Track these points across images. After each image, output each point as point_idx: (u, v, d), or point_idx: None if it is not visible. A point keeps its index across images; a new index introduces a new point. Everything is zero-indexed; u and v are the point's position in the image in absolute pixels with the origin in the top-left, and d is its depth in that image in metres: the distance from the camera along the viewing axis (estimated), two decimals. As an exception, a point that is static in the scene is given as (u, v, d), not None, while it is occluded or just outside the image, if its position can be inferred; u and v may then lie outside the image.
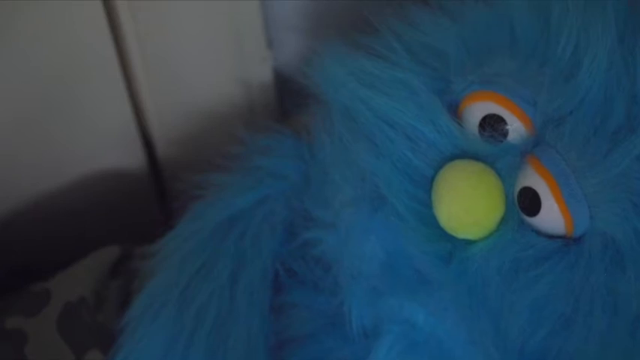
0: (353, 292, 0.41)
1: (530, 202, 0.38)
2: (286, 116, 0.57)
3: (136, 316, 0.44)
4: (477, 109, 0.40)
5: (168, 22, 0.53)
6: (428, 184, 0.39)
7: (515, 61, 0.40)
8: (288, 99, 0.58)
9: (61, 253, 0.53)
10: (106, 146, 0.55)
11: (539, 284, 0.37)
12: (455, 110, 0.40)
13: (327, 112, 0.44)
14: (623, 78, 0.38)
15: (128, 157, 0.56)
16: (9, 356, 0.46)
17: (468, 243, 0.38)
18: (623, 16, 0.40)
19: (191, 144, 0.57)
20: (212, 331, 0.43)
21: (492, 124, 0.39)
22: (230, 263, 0.44)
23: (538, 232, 0.38)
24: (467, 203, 0.38)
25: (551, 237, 0.38)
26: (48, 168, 0.55)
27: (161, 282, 0.45)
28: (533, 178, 0.38)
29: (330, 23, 0.57)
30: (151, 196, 0.59)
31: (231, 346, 0.43)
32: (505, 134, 0.39)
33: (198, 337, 0.43)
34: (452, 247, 0.38)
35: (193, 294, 0.43)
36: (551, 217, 0.38)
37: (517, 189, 0.38)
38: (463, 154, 0.39)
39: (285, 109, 0.58)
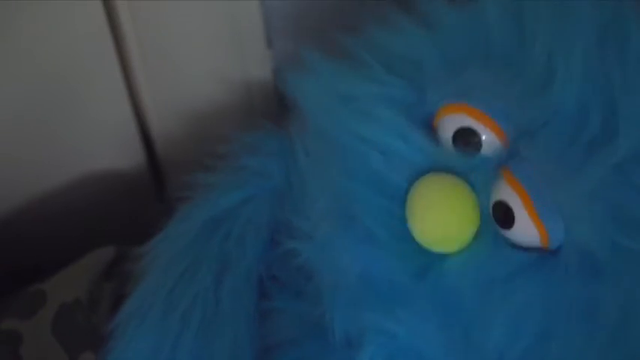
0: (334, 303, 0.40)
1: (504, 215, 0.38)
2: (285, 116, 0.57)
3: (125, 318, 0.44)
4: (450, 122, 0.40)
5: (168, 22, 0.53)
6: (402, 199, 0.39)
7: (490, 71, 0.40)
8: (287, 98, 0.58)
9: (60, 253, 0.53)
10: (106, 146, 0.55)
11: (514, 297, 0.37)
12: (430, 122, 0.40)
13: (302, 124, 0.44)
14: (598, 87, 0.38)
15: (128, 156, 0.56)
16: (4, 357, 0.46)
17: (444, 257, 0.38)
18: (599, 23, 0.40)
19: (191, 143, 0.57)
20: (198, 334, 0.43)
21: (465, 137, 0.39)
22: (214, 265, 0.44)
23: (514, 245, 0.38)
24: (441, 217, 0.38)
25: (527, 249, 0.38)
26: (47, 167, 0.55)
27: (149, 285, 0.44)
28: (506, 192, 0.38)
29: (330, 23, 0.57)
30: (150, 196, 0.59)
31: (217, 348, 0.42)
32: (478, 147, 0.39)
33: (185, 339, 0.42)
34: (427, 261, 0.38)
35: (179, 297, 0.43)
36: (525, 230, 0.37)
37: (492, 202, 0.38)
38: (437, 168, 0.39)
39: (285, 109, 0.58)
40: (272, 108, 0.58)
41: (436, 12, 0.44)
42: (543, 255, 0.37)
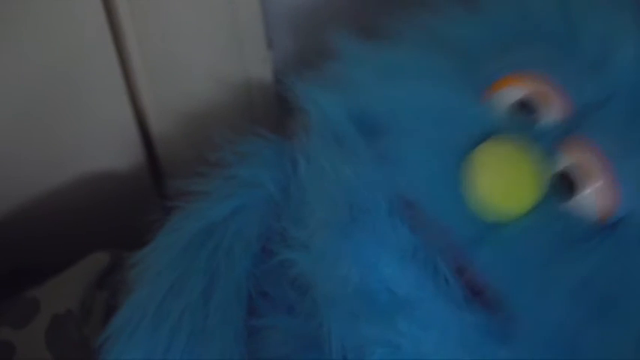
0: (331, 316, 0.40)
1: (569, 182, 0.38)
2: (286, 117, 0.57)
3: (115, 331, 0.43)
4: (512, 93, 0.39)
5: (168, 22, 0.53)
6: (458, 167, 0.38)
7: (545, 49, 0.40)
8: (287, 99, 0.58)
9: (60, 253, 0.53)
10: (106, 146, 0.55)
11: (580, 264, 0.36)
12: (483, 96, 0.40)
13: (304, 132, 0.44)
14: None
15: (127, 156, 0.56)
16: (-2, 368, 0.46)
17: (499, 226, 0.38)
18: None
19: (191, 144, 0.57)
20: (186, 349, 0.42)
21: (528, 107, 0.39)
22: (203, 279, 0.43)
23: (577, 214, 0.38)
24: (508, 181, 0.37)
25: (589, 219, 0.38)
26: (46, 167, 0.55)
27: (139, 297, 0.44)
28: (576, 158, 0.38)
29: (330, 23, 0.57)
30: (150, 196, 0.59)
31: None
32: (539, 118, 0.39)
33: (173, 354, 0.42)
34: (483, 229, 0.38)
35: (168, 310, 0.43)
36: (593, 197, 0.37)
37: (555, 170, 0.38)
38: (498, 135, 0.39)
39: (285, 110, 0.58)
40: (272, 108, 0.58)
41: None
42: (607, 225, 0.37)
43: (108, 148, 0.56)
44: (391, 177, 0.40)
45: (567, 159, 0.38)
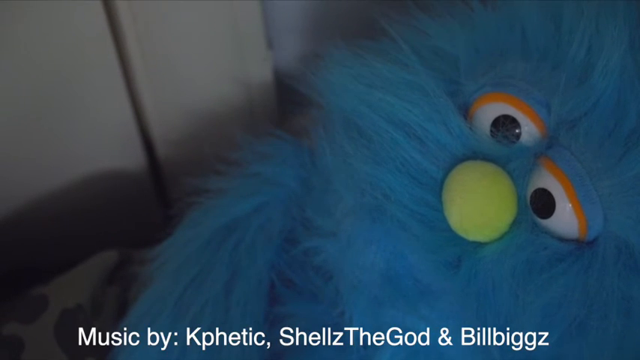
0: (354, 302, 0.41)
1: (543, 203, 0.38)
2: (286, 117, 0.57)
3: (132, 324, 0.44)
4: (490, 111, 0.39)
5: (168, 23, 0.53)
6: (436, 187, 0.39)
7: (528, 63, 0.40)
8: (287, 99, 0.58)
9: (61, 253, 0.53)
10: (106, 146, 0.55)
11: (552, 286, 0.36)
12: (465, 113, 0.40)
13: (327, 120, 0.44)
14: (635, 82, 0.38)
15: (128, 157, 0.56)
16: (6, 363, 0.46)
17: (478, 246, 0.38)
18: (634, 20, 0.40)
19: (191, 144, 0.57)
20: (207, 341, 0.42)
21: (505, 125, 0.39)
22: (225, 273, 0.44)
23: (551, 235, 0.38)
24: (480, 204, 0.37)
25: (563, 240, 0.38)
26: (47, 168, 0.55)
27: (157, 290, 0.44)
28: (547, 180, 0.37)
29: (330, 24, 0.57)
30: (150, 197, 0.59)
31: (225, 356, 0.42)
32: (517, 136, 0.39)
33: (193, 347, 0.42)
34: (460, 251, 0.38)
35: (188, 303, 0.43)
36: (565, 218, 0.37)
37: (530, 191, 0.38)
38: (474, 156, 0.39)
39: (285, 110, 0.58)
40: (272, 108, 0.58)
41: (467, 9, 0.44)
42: (580, 246, 0.37)
43: (108, 148, 0.56)
44: None
45: (547, 174, 0.38)
